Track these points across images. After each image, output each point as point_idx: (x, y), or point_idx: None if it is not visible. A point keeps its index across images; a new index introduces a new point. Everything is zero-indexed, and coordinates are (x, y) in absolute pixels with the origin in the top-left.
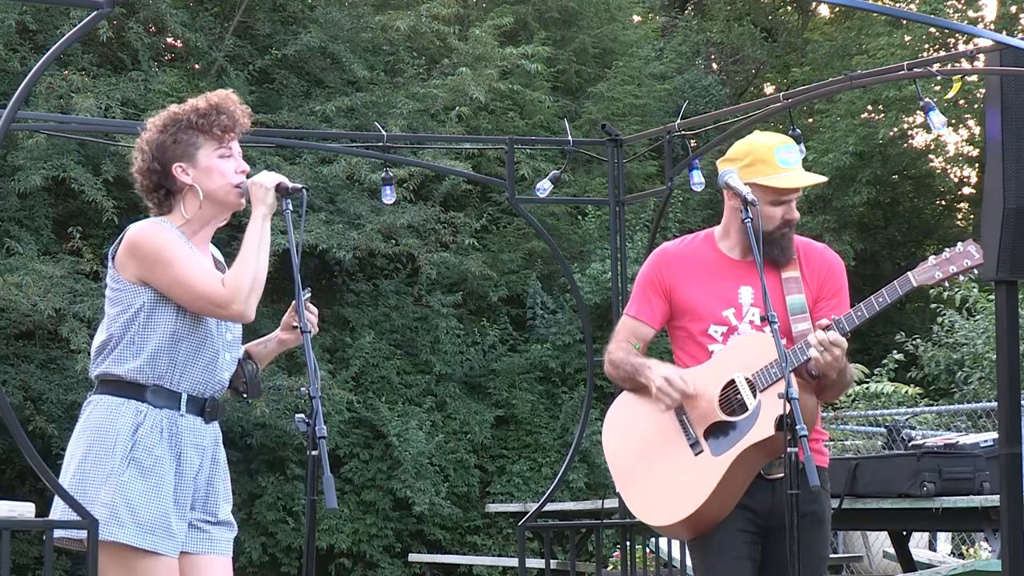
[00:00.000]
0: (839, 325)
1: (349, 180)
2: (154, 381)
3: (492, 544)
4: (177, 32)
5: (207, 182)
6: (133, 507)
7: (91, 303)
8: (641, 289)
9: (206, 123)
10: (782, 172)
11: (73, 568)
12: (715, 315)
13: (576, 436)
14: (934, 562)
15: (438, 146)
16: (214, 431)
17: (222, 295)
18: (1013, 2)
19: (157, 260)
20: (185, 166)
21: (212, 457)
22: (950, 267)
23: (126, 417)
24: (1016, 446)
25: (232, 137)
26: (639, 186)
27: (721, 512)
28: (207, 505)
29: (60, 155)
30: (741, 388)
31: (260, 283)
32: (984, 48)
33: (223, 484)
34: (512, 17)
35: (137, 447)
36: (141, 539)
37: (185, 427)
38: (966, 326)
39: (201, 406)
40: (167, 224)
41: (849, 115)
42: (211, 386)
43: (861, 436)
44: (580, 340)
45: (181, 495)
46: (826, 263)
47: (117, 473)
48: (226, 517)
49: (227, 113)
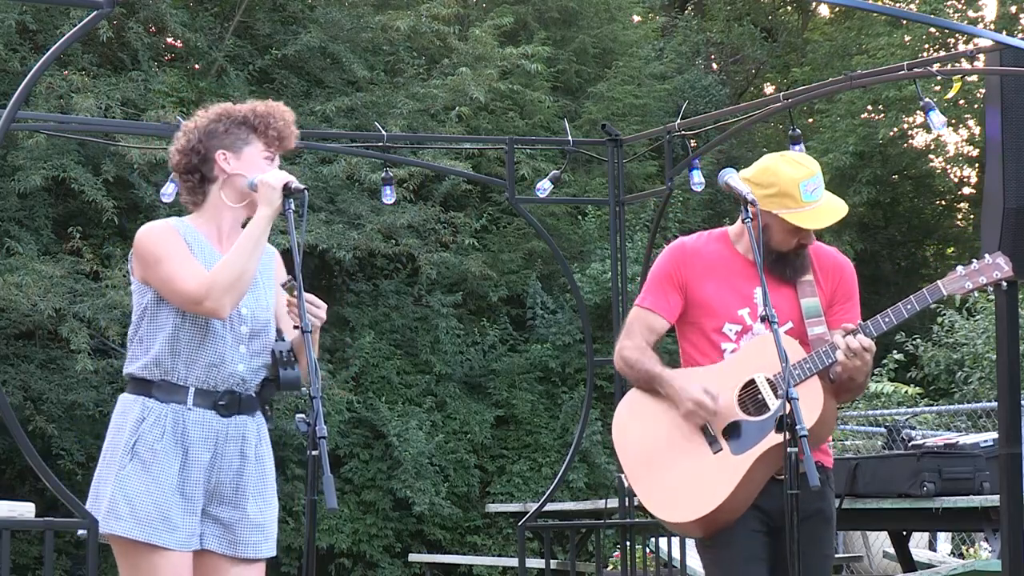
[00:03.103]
0: (865, 330)
1: (349, 180)
2: (160, 376)
3: (492, 544)
4: (177, 32)
5: (249, 173)
6: (131, 500)
7: (91, 303)
8: (657, 281)
9: (263, 124)
10: (806, 207)
11: (73, 568)
12: (731, 313)
13: (576, 436)
14: (934, 562)
15: (438, 146)
16: (240, 425)
17: (196, 292)
18: (1013, 2)
19: (151, 259)
20: (229, 155)
21: (240, 451)
22: (980, 278)
23: (133, 413)
24: (1016, 446)
25: (280, 148)
26: (639, 186)
27: (736, 511)
28: (236, 501)
29: (60, 155)
30: (762, 388)
31: (245, 283)
32: (984, 48)
33: (255, 481)
34: (512, 17)
35: (139, 442)
36: (138, 531)
37: (193, 421)
38: (966, 326)
39: (214, 400)
40: (179, 224)
41: (849, 115)
42: (223, 379)
43: (861, 436)
44: (580, 340)
45: (189, 488)
46: (839, 267)
47: (119, 467)
48: (256, 515)
49: (285, 123)
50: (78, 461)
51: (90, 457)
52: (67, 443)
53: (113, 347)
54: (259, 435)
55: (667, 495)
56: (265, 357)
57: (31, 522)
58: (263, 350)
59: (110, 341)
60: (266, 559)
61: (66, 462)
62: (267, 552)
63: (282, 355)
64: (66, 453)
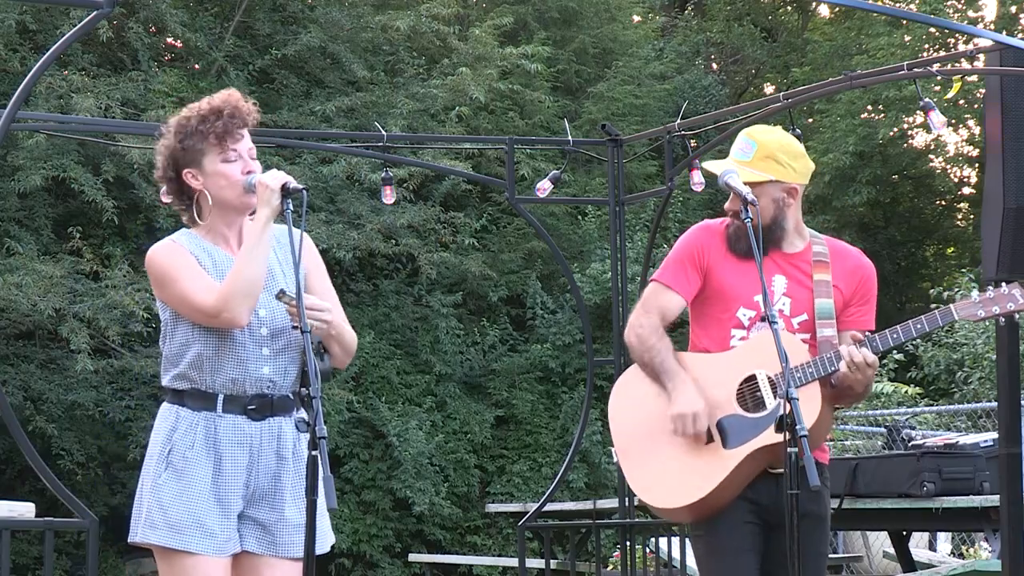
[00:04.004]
0: (872, 344)
1: (349, 180)
2: (190, 386)
3: (492, 544)
4: (177, 32)
5: (214, 188)
6: (165, 508)
7: (91, 303)
8: (679, 260)
9: (205, 129)
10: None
11: (73, 568)
12: (747, 299)
13: (576, 436)
14: (934, 562)
15: (438, 146)
16: (275, 427)
17: (212, 306)
18: (1013, 2)
19: (164, 280)
20: (195, 172)
21: (277, 453)
22: (993, 307)
23: (168, 423)
24: (1016, 446)
25: (235, 139)
26: (639, 186)
27: (722, 502)
28: (274, 502)
29: (60, 155)
30: (762, 386)
31: (257, 288)
32: (984, 48)
33: (292, 481)
34: (512, 17)
35: (172, 451)
36: (170, 539)
37: (225, 427)
38: (966, 326)
39: (244, 404)
40: (184, 239)
41: (849, 115)
42: (250, 383)
43: (861, 436)
44: (580, 340)
45: (225, 493)
46: (860, 269)
47: (155, 477)
48: (295, 516)
49: (227, 116)
50: (78, 461)
51: (90, 457)
52: (67, 443)
53: (113, 347)
54: (296, 435)
55: (654, 480)
56: (292, 353)
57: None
58: (288, 347)
59: (110, 341)
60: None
61: (66, 462)
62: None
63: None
64: (66, 453)
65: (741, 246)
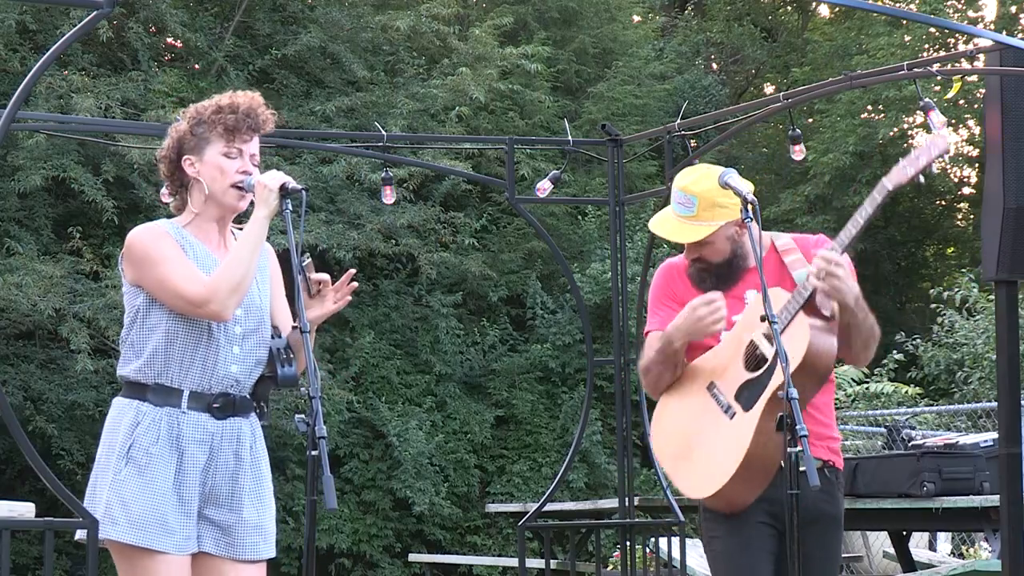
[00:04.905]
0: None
1: (349, 180)
2: (154, 380)
3: (492, 544)
4: (177, 32)
5: (208, 178)
6: (127, 504)
7: (91, 303)
8: (657, 302)
9: (217, 119)
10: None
11: (73, 568)
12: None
13: (576, 436)
14: (934, 562)
15: (438, 146)
16: (235, 427)
17: (199, 294)
18: (1013, 2)
19: (145, 261)
20: (193, 159)
21: (235, 454)
22: (920, 160)
23: (128, 417)
24: (1016, 446)
25: (243, 138)
26: (639, 186)
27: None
28: (232, 504)
29: (60, 155)
30: (759, 343)
31: (246, 284)
32: (984, 48)
33: (251, 483)
34: (512, 17)
35: (134, 446)
36: (132, 535)
37: (188, 424)
38: (966, 326)
39: (208, 402)
40: (168, 226)
41: (849, 115)
42: (216, 381)
43: (861, 436)
44: (580, 340)
45: (185, 491)
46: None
47: (115, 472)
48: (253, 517)
49: (243, 113)
50: (78, 461)
51: (90, 457)
52: (67, 443)
53: (113, 347)
54: (254, 436)
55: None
56: (259, 356)
57: (31, 522)
58: (257, 349)
59: (110, 341)
60: (266, 560)
61: (66, 462)
62: (266, 553)
63: (279, 352)
64: (66, 453)
65: (706, 287)
